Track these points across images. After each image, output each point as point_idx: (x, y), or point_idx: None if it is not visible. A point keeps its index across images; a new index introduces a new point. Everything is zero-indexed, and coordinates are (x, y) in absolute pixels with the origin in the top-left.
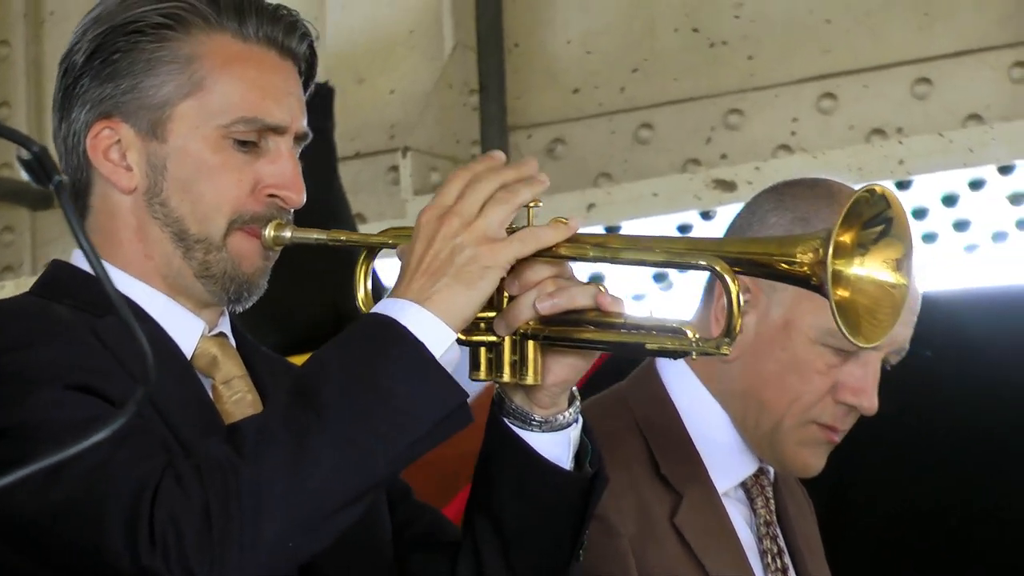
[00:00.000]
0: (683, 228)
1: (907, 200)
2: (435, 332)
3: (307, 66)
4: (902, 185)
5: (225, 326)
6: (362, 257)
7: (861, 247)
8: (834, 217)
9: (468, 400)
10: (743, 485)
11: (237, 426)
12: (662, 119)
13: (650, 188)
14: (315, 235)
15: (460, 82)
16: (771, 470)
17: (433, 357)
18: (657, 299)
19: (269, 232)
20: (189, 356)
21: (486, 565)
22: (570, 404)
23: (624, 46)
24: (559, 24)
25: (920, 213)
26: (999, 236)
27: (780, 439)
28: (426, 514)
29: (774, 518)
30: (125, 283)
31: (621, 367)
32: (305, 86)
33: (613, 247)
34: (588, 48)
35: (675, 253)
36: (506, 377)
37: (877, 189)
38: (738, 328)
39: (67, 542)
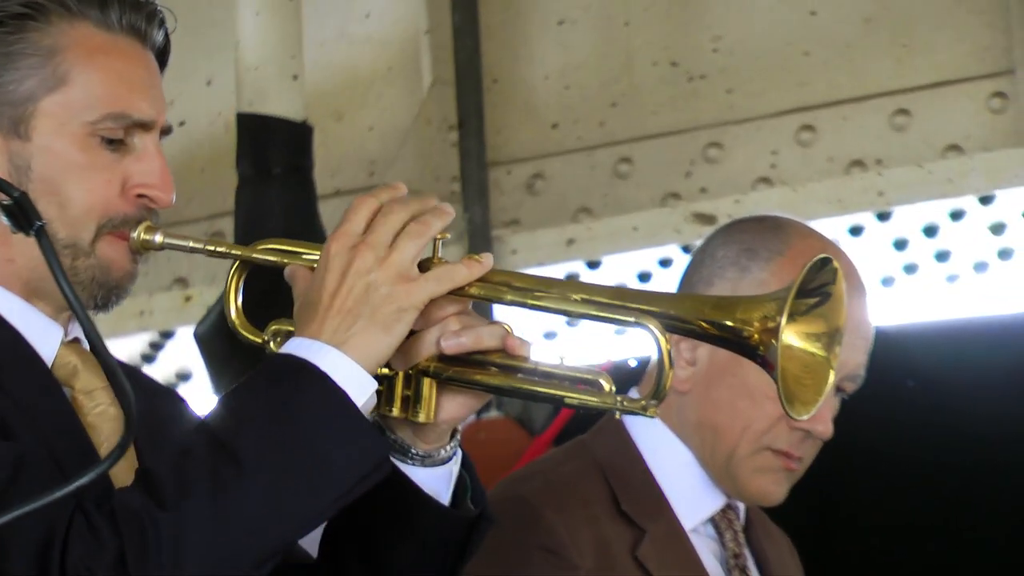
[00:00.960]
0: (664, 262)
1: (887, 231)
2: (356, 379)
3: (162, 55)
4: (882, 216)
5: (78, 331)
6: (234, 268)
7: (791, 315)
8: (781, 247)
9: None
10: (711, 520)
11: (151, 472)
12: (641, 153)
13: (630, 222)
14: (191, 242)
15: (439, 118)
16: (741, 507)
17: (356, 408)
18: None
19: (138, 235)
20: (49, 364)
21: None
22: (451, 438)
23: (602, 80)
24: (537, 59)
25: (901, 244)
26: (980, 266)
27: (736, 466)
28: None
29: (743, 550)
30: None
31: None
32: (160, 73)
33: (532, 292)
34: (566, 83)
35: (599, 305)
36: (396, 412)
37: (832, 263)
38: (667, 387)
39: None
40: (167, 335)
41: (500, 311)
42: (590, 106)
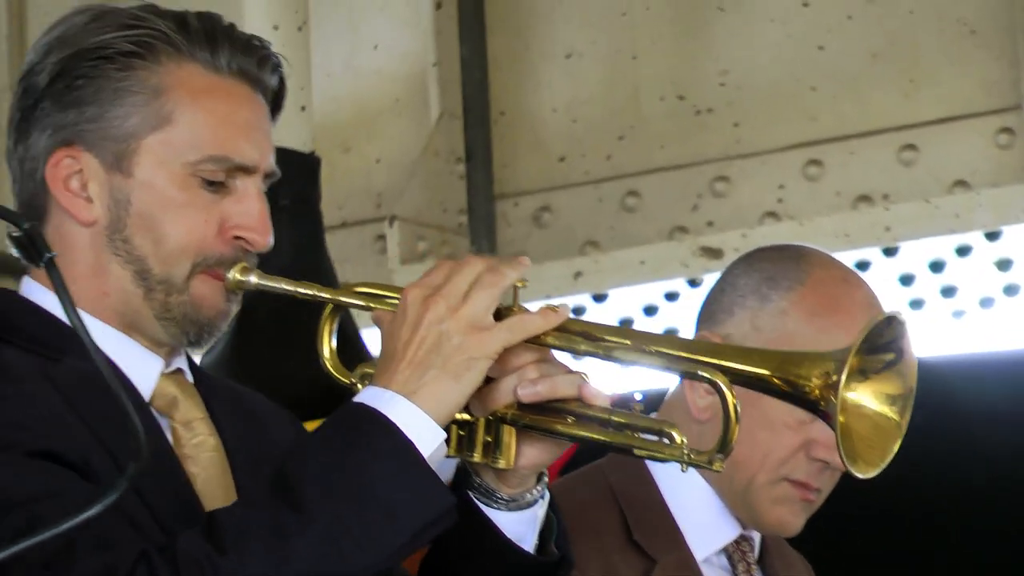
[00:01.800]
0: (670, 295)
1: (894, 266)
2: (424, 430)
3: (275, 97)
4: (889, 251)
5: (182, 362)
6: (327, 312)
7: (861, 372)
8: (801, 276)
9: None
10: (725, 551)
11: (215, 517)
12: (648, 187)
13: (637, 256)
14: (283, 284)
15: (447, 150)
16: (756, 537)
17: (423, 458)
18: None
19: (233, 275)
20: (147, 396)
21: None
22: (538, 481)
23: (610, 114)
24: (545, 92)
25: (907, 280)
26: (986, 302)
27: (754, 496)
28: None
29: None
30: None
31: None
32: (272, 117)
33: (605, 343)
34: (574, 116)
35: (671, 358)
36: (477, 457)
37: (898, 318)
38: (733, 441)
39: None
40: None
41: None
42: (597, 139)
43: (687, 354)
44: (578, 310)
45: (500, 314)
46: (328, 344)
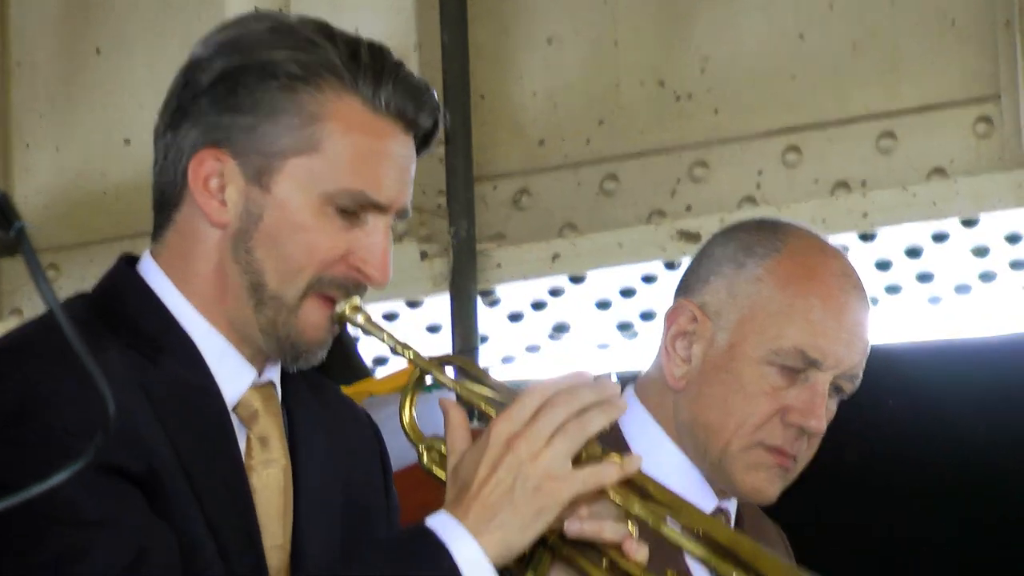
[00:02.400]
0: (647, 279)
1: (871, 252)
2: (480, 571)
3: (426, 136)
4: (866, 237)
5: (274, 374)
6: (415, 375)
7: None
8: (778, 244)
9: None
10: None
11: None
12: (627, 171)
13: (615, 239)
14: (385, 336)
15: None
16: (732, 510)
17: None
18: (621, 347)
19: (343, 309)
20: (232, 404)
21: None
22: None
23: (590, 98)
24: (525, 76)
25: (884, 265)
26: (962, 288)
27: (729, 463)
28: None
29: None
30: (187, 316)
31: None
32: (419, 154)
33: (660, 512)
34: (554, 100)
35: (714, 548)
36: (512, 564)
37: None
38: None
39: None
40: None
41: None
42: (577, 123)
43: (730, 546)
44: (555, 291)
45: (578, 458)
46: (410, 407)
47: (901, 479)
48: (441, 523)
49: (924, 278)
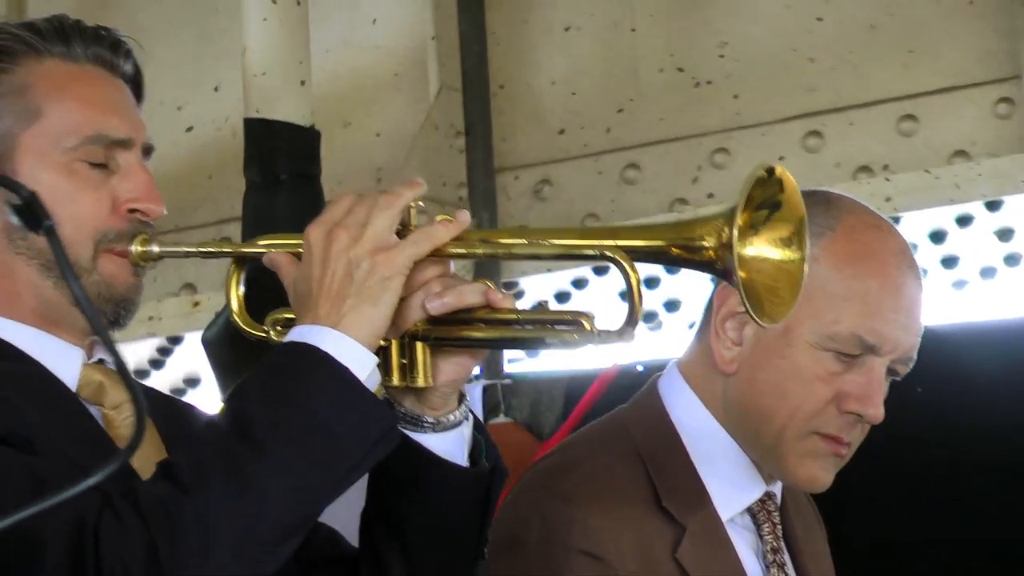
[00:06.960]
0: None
1: None
2: (356, 356)
3: (135, 86)
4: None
5: (104, 354)
6: (231, 266)
7: (752, 228)
8: (832, 223)
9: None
10: (749, 511)
11: (171, 462)
12: (648, 159)
13: None
14: (184, 247)
15: (446, 124)
16: (778, 494)
17: (360, 382)
18: (645, 337)
19: (136, 248)
20: (73, 387)
21: (389, 571)
22: (460, 402)
23: (609, 87)
24: (544, 65)
25: None
26: (987, 272)
27: (783, 451)
28: (320, 531)
29: (781, 544)
30: None
31: (623, 394)
32: (136, 103)
33: (503, 243)
34: (573, 89)
35: (569, 246)
36: (395, 381)
37: (777, 170)
38: (639, 315)
39: None
40: (175, 340)
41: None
42: (597, 112)
43: (584, 240)
44: (579, 282)
45: (401, 233)
46: (236, 298)
47: (928, 464)
48: (297, 334)
49: (949, 262)
